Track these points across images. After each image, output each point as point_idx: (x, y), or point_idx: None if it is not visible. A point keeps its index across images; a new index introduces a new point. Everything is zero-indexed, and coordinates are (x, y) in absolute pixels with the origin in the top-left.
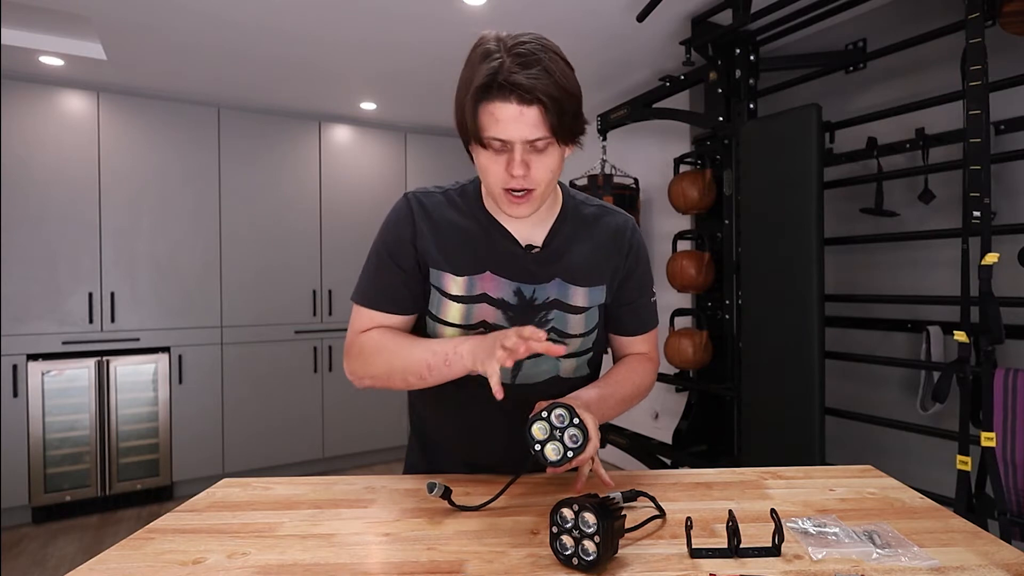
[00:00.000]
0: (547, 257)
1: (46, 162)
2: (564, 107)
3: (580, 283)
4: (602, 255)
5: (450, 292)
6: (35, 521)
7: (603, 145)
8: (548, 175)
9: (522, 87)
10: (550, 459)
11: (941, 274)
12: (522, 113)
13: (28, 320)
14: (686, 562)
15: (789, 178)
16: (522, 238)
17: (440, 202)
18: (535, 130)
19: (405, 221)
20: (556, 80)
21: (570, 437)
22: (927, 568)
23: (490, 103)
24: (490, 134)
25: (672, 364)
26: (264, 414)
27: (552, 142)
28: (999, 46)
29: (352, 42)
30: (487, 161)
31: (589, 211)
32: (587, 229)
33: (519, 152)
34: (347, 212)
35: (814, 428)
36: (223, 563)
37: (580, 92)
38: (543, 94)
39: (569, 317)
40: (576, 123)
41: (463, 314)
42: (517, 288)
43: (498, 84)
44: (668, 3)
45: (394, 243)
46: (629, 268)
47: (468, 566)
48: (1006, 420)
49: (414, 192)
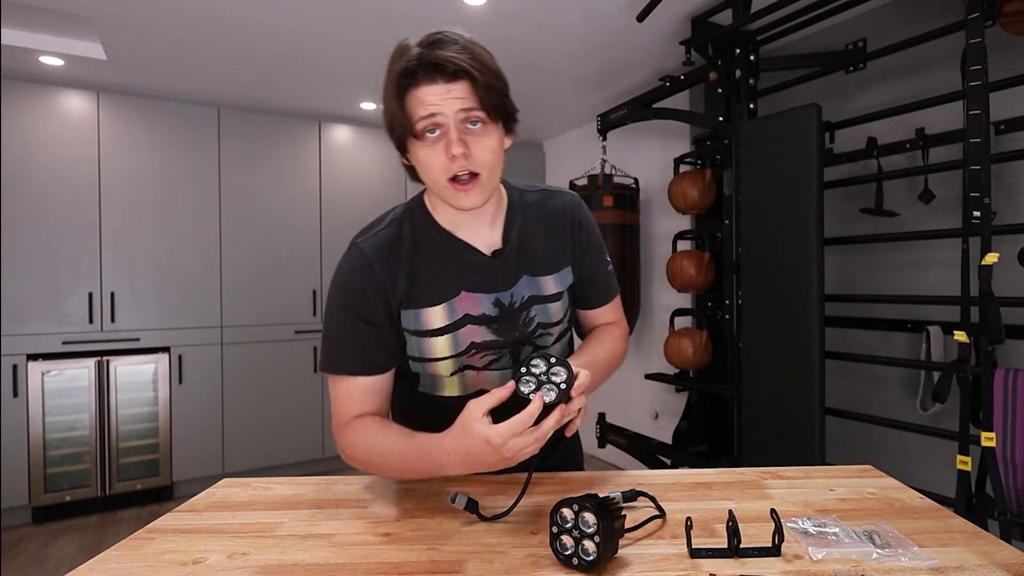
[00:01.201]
0: (510, 257)
1: (46, 162)
2: (490, 82)
3: (547, 272)
4: (557, 238)
5: (432, 327)
6: (35, 521)
7: (603, 145)
8: (490, 156)
9: (445, 61)
10: (550, 400)
11: (941, 274)
12: (449, 89)
13: (28, 320)
14: (686, 562)
15: (789, 178)
16: (483, 245)
17: (391, 237)
18: (465, 103)
19: (363, 273)
20: (476, 56)
21: (555, 375)
22: (927, 568)
23: (416, 88)
24: (421, 115)
25: (672, 364)
26: (264, 414)
27: (486, 120)
28: (999, 46)
29: (352, 42)
30: (426, 153)
31: (533, 198)
32: (536, 217)
33: (455, 131)
34: (347, 212)
35: (814, 428)
36: (223, 563)
37: (504, 77)
38: (467, 65)
39: (549, 307)
40: (505, 101)
41: (450, 344)
42: (495, 299)
43: (421, 66)
44: (668, 3)
45: (356, 299)
46: (583, 243)
47: (468, 566)
48: (1006, 420)
49: (360, 240)
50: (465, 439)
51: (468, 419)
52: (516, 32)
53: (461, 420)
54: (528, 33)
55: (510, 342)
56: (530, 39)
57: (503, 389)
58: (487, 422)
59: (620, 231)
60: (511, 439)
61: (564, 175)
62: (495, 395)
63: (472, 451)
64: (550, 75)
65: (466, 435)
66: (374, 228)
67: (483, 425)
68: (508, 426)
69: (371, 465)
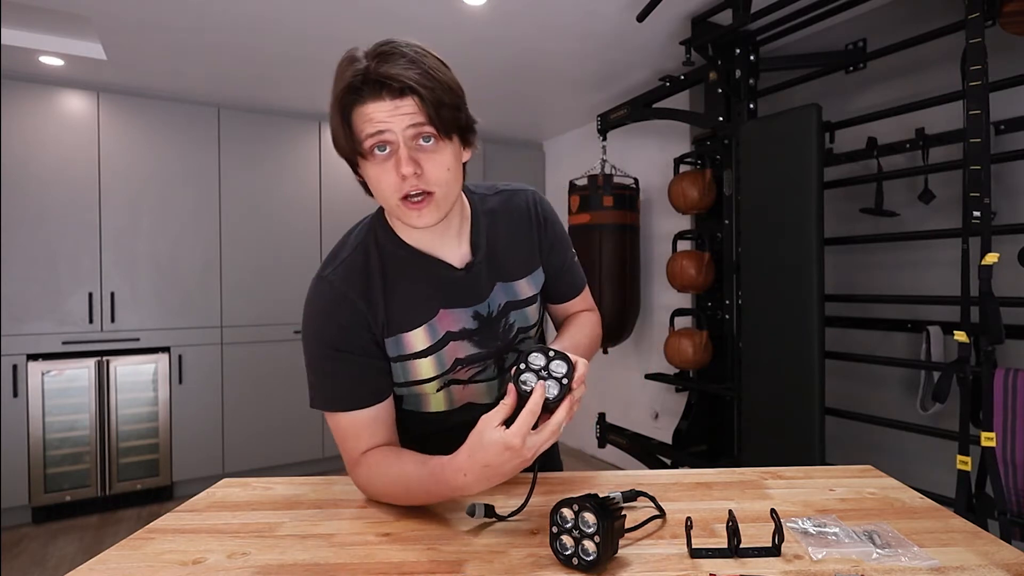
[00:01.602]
0: (481, 268)
1: (46, 162)
2: (440, 97)
3: (519, 276)
4: (523, 239)
5: (415, 350)
6: (35, 521)
7: (603, 145)
8: (444, 174)
9: (390, 78)
10: (553, 396)
11: (941, 274)
12: (397, 106)
13: (28, 320)
14: (686, 562)
15: (789, 178)
16: (453, 259)
17: (359, 264)
18: (414, 119)
19: (339, 306)
20: (426, 70)
21: (556, 368)
22: (927, 568)
23: (362, 105)
24: (367, 133)
25: (672, 364)
26: (264, 414)
27: (437, 136)
28: (999, 46)
29: (352, 42)
30: (375, 172)
31: (494, 202)
32: (500, 221)
33: (404, 149)
34: (347, 212)
35: (814, 428)
36: (223, 563)
37: (459, 87)
38: (414, 82)
39: (526, 311)
40: (458, 116)
41: (435, 365)
42: (474, 312)
43: (366, 82)
44: (668, 3)
45: (336, 334)
46: (548, 238)
47: (468, 566)
48: (1006, 420)
49: (328, 272)
50: (482, 452)
51: (482, 431)
52: (516, 32)
53: (475, 435)
54: (528, 33)
55: (493, 352)
56: (530, 39)
57: (509, 396)
58: (502, 430)
59: (620, 231)
60: (528, 437)
61: (564, 175)
62: (504, 406)
63: (491, 462)
64: (550, 75)
65: (482, 448)
66: (338, 257)
67: (498, 432)
68: (520, 425)
69: (391, 498)
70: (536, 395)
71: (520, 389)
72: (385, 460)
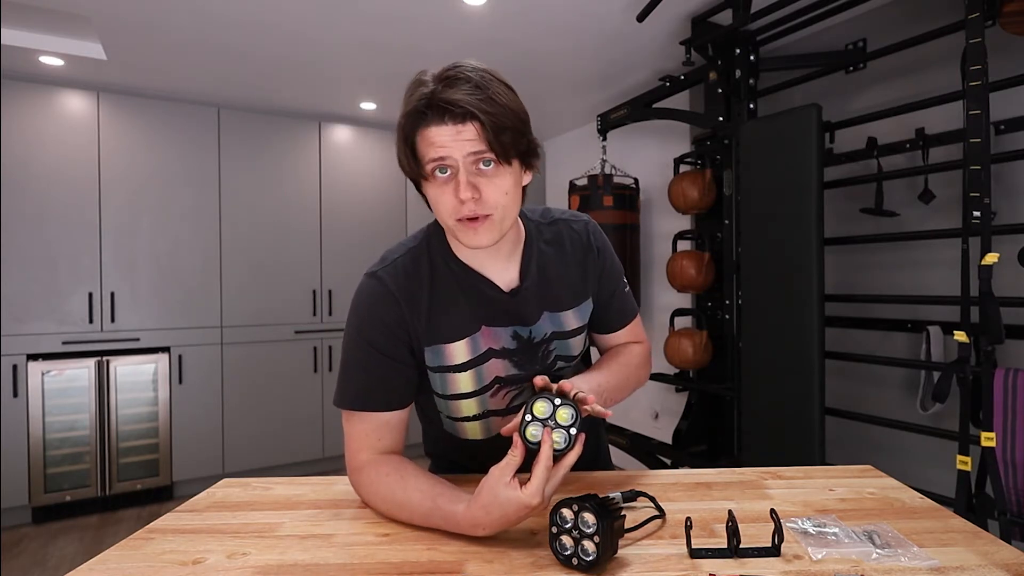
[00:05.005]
0: (529, 295)
1: (46, 162)
2: (502, 123)
3: (567, 307)
4: (576, 270)
5: (456, 363)
6: (35, 521)
7: (603, 145)
8: (503, 198)
9: (453, 104)
10: (560, 448)
11: (941, 274)
12: (459, 132)
13: (28, 320)
14: (686, 562)
15: (789, 178)
16: (501, 282)
17: (410, 267)
18: (474, 145)
19: (385, 304)
20: (490, 96)
21: (562, 416)
22: (927, 568)
23: (425, 129)
24: (430, 157)
25: (672, 364)
26: (264, 414)
27: (497, 161)
28: (999, 46)
29: (352, 42)
30: (436, 193)
31: (550, 233)
32: (555, 251)
33: (464, 174)
34: (347, 212)
35: (814, 428)
36: (223, 563)
37: (524, 111)
38: (476, 109)
39: (569, 342)
40: (520, 141)
41: (474, 380)
42: (514, 332)
43: (430, 107)
44: (668, 3)
45: (378, 331)
46: (600, 267)
47: (468, 566)
48: (1006, 420)
49: (379, 269)
50: (499, 510)
51: (495, 487)
52: (516, 32)
53: (487, 490)
54: (528, 33)
55: (531, 375)
56: (530, 39)
57: (516, 449)
58: (515, 486)
59: (620, 231)
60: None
61: (564, 175)
62: (513, 459)
63: (509, 518)
64: (550, 75)
65: (499, 505)
66: (389, 258)
67: (514, 491)
68: (538, 483)
69: (391, 515)
70: (545, 450)
71: (527, 443)
72: (389, 479)
